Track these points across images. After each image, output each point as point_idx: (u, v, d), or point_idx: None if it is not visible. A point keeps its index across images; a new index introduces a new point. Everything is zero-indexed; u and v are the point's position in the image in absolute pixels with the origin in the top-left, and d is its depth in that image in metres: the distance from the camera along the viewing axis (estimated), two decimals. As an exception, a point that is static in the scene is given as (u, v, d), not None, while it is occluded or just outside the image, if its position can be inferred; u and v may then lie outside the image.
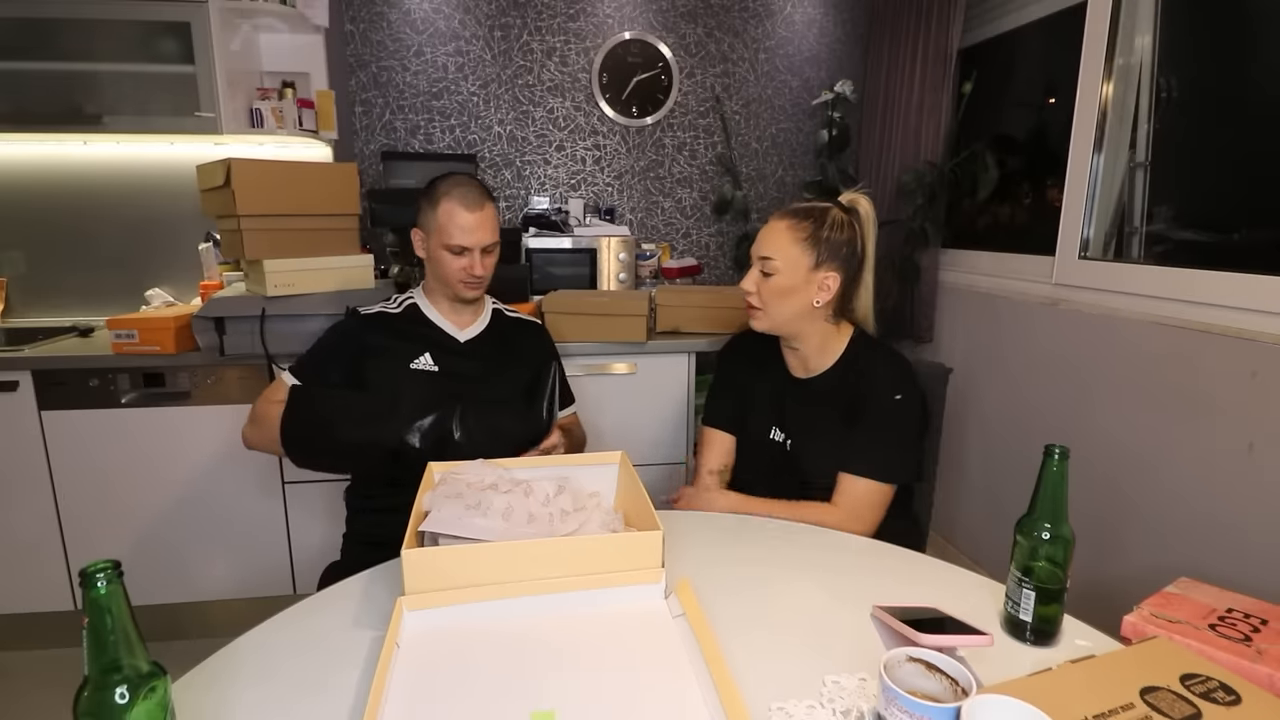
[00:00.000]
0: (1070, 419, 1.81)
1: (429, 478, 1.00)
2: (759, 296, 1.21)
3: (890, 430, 1.17)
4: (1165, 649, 0.71)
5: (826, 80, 2.71)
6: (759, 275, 1.21)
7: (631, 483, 0.99)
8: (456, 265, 1.33)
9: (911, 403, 1.19)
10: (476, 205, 1.31)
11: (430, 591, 0.79)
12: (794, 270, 1.18)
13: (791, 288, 1.18)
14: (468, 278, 1.33)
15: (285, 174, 1.75)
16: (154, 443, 1.84)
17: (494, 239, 1.34)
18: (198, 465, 1.88)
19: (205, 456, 1.87)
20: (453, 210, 1.30)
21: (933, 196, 2.27)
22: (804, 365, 1.27)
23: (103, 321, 2.08)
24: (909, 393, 1.19)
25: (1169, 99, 1.71)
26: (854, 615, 0.85)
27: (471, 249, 1.31)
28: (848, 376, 1.22)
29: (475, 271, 1.33)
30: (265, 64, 2.27)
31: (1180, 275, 1.55)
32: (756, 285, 1.21)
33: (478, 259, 1.32)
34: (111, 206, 2.27)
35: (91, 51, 1.96)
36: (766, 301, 1.21)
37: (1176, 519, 1.52)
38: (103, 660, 0.53)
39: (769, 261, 1.19)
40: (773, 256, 1.19)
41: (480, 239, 1.31)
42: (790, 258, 1.18)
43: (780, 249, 1.18)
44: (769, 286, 1.20)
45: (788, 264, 1.18)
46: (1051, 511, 0.78)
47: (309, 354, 1.37)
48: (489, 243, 1.33)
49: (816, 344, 1.24)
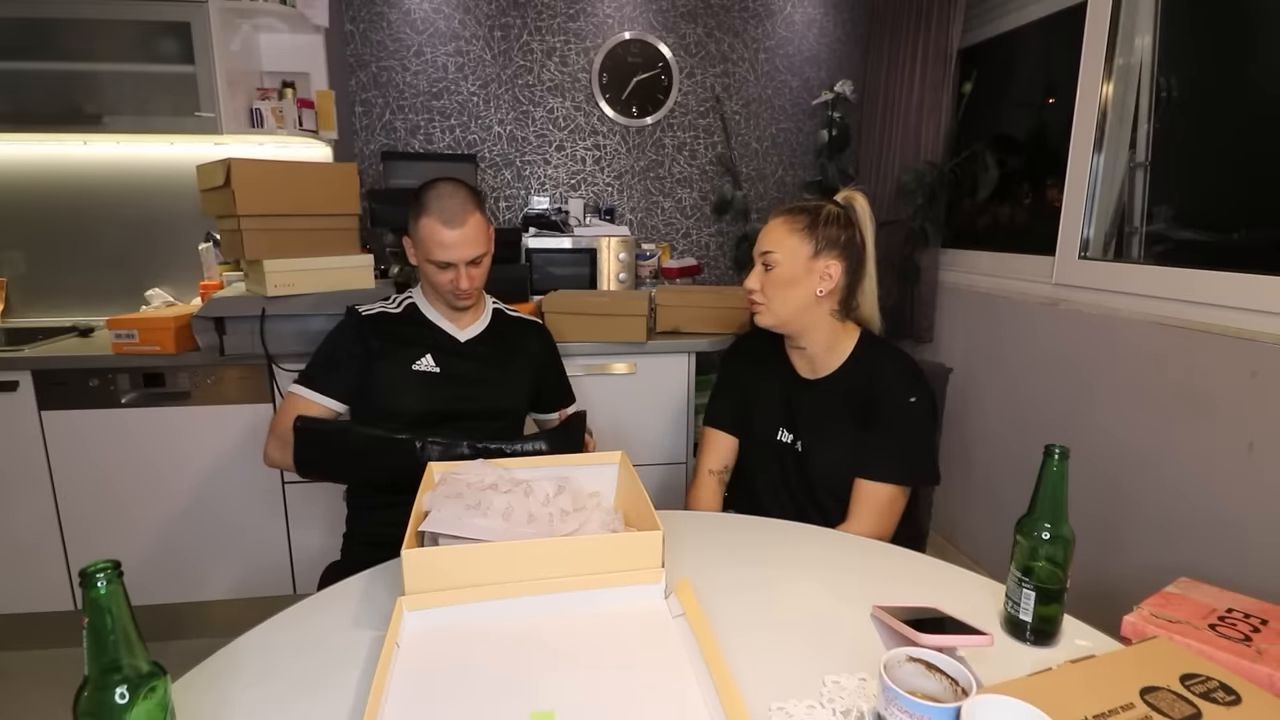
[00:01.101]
0: (1070, 419, 1.81)
1: (429, 478, 1.00)
2: (762, 292, 1.23)
3: (907, 433, 1.17)
4: (1165, 649, 0.71)
5: (826, 80, 2.71)
6: (761, 271, 1.23)
7: (631, 483, 0.99)
8: (443, 279, 1.32)
9: (925, 404, 1.19)
10: (457, 222, 1.27)
11: (430, 591, 0.79)
12: (794, 260, 1.19)
13: (793, 278, 1.19)
14: (454, 290, 1.32)
15: (285, 174, 1.75)
16: (154, 443, 1.84)
17: (479, 251, 1.31)
18: (198, 465, 1.88)
19: (205, 456, 1.87)
20: (433, 227, 1.27)
21: (933, 196, 2.27)
22: (811, 366, 1.27)
23: (103, 321, 2.08)
24: (922, 394, 1.19)
25: (1169, 99, 1.71)
26: (854, 615, 0.85)
27: (455, 264, 1.30)
28: (857, 378, 1.22)
29: (460, 284, 1.31)
30: (265, 64, 2.27)
31: (1180, 275, 1.55)
32: (760, 281, 1.23)
33: (463, 272, 1.30)
34: (111, 206, 2.27)
35: (91, 51, 1.96)
36: (770, 295, 1.22)
37: (1176, 519, 1.52)
38: (103, 660, 0.53)
39: (769, 255, 1.21)
40: (773, 250, 1.20)
41: (462, 255, 1.29)
42: (789, 248, 1.19)
43: (778, 241, 1.20)
44: (771, 279, 1.21)
45: (787, 254, 1.19)
46: (1051, 511, 0.78)
47: (314, 362, 1.36)
48: (473, 256, 1.30)
49: (824, 343, 1.24)
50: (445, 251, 1.28)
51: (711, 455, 1.35)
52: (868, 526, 1.15)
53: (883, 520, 1.15)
